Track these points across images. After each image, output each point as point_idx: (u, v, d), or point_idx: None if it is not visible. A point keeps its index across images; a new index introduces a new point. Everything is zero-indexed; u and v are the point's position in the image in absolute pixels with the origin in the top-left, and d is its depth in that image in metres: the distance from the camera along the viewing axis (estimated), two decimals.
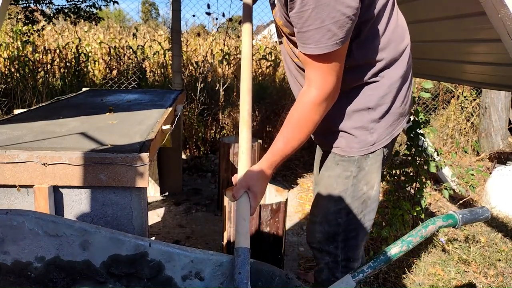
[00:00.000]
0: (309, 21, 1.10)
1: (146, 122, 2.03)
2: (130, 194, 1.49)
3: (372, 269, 1.23)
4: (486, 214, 1.29)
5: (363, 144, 1.36)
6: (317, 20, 1.09)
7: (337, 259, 1.45)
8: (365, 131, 1.35)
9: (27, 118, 2.07)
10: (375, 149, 1.37)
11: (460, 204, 3.52)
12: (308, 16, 1.09)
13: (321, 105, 1.22)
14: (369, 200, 1.43)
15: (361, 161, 1.38)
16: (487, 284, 2.44)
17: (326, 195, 1.44)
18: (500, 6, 1.71)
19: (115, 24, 12.15)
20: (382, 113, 1.34)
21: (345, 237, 1.44)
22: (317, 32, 1.11)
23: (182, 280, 1.16)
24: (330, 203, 1.43)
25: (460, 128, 5.52)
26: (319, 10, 1.07)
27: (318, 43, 1.12)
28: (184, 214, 3.23)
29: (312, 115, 1.23)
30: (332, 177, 1.43)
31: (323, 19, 1.08)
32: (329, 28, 1.09)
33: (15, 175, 1.45)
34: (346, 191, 1.41)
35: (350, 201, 1.41)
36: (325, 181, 1.46)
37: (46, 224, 1.15)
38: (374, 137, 1.36)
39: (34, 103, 4.67)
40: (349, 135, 1.36)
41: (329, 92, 1.20)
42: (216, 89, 5.32)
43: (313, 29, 1.11)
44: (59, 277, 1.17)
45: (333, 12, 1.07)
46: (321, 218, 1.46)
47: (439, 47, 2.79)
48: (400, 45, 1.33)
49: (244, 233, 1.15)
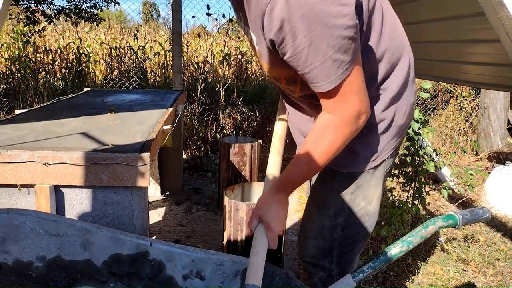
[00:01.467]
0: (310, 59, 0.98)
1: (147, 122, 2.04)
2: (131, 193, 1.50)
3: (372, 269, 1.24)
4: (486, 215, 1.29)
5: (364, 161, 1.27)
6: (318, 55, 0.97)
7: (331, 273, 1.38)
8: (366, 145, 1.26)
9: (29, 118, 2.08)
10: (375, 164, 1.28)
11: (459, 204, 3.53)
12: (307, 55, 0.97)
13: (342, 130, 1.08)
14: (367, 216, 1.34)
15: (360, 177, 1.29)
16: (486, 283, 2.45)
17: (321, 210, 1.36)
18: (499, 6, 1.71)
19: (116, 24, 12.15)
20: (384, 127, 1.25)
21: (340, 251, 1.36)
22: (323, 67, 0.98)
23: (183, 279, 1.16)
24: (324, 219, 1.34)
25: (459, 128, 5.52)
26: (317, 44, 0.95)
27: (327, 78, 1.00)
28: (184, 213, 3.24)
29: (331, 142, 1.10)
30: (327, 191, 1.35)
31: (324, 51, 0.96)
32: (334, 58, 0.97)
33: (17, 175, 1.46)
34: (342, 207, 1.32)
35: (347, 217, 1.32)
36: (319, 195, 1.39)
37: (47, 223, 1.16)
38: (375, 152, 1.27)
39: (35, 103, 4.68)
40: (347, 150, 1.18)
41: (351, 115, 1.07)
42: (216, 90, 5.33)
43: (317, 65, 0.98)
44: (60, 277, 1.18)
45: (332, 40, 0.95)
46: (316, 233, 1.37)
47: (438, 48, 2.80)
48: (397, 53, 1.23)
49: (255, 268, 1.04)
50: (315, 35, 0.94)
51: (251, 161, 3.16)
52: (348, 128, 1.08)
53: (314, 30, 0.93)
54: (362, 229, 1.35)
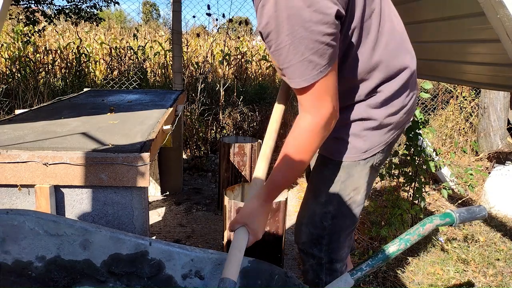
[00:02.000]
0: (289, 56, 1.08)
1: (147, 122, 2.04)
2: (131, 193, 1.50)
3: (370, 267, 1.24)
4: (483, 213, 1.30)
5: (355, 151, 1.35)
6: (296, 54, 1.06)
7: (321, 261, 1.46)
8: (359, 138, 1.34)
9: (29, 118, 2.08)
10: (366, 156, 1.36)
11: (459, 204, 3.53)
12: (287, 52, 1.07)
13: (319, 131, 1.16)
14: (354, 204, 1.43)
15: (351, 167, 1.37)
16: (486, 283, 2.45)
17: (314, 197, 1.45)
18: (499, 6, 1.72)
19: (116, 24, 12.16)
20: (377, 123, 1.32)
21: (329, 240, 1.44)
22: (300, 66, 1.08)
23: (182, 278, 1.17)
24: (317, 206, 1.43)
25: (459, 128, 5.52)
26: (296, 44, 1.05)
27: (302, 76, 1.09)
28: (184, 213, 3.24)
29: (310, 143, 1.18)
30: (321, 180, 1.43)
31: (302, 52, 1.06)
32: (310, 59, 1.07)
33: (17, 175, 1.46)
34: (333, 194, 1.40)
35: (337, 206, 1.41)
36: (313, 182, 1.47)
37: (46, 223, 1.16)
38: (367, 145, 1.35)
39: (35, 103, 4.68)
40: (341, 140, 1.34)
41: (326, 117, 1.14)
42: (216, 90, 5.33)
43: (295, 63, 1.08)
44: (60, 276, 1.18)
45: (310, 43, 1.04)
46: (307, 220, 1.46)
47: (438, 48, 2.80)
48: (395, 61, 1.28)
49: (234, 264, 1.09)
50: (296, 36, 1.04)
51: (251, 161, 3.17)
52: (323, 131, 1.16)
53: (295, 32, 1.03)
54: (350, 217, 1.44)
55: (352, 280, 1.22)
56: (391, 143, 1.40)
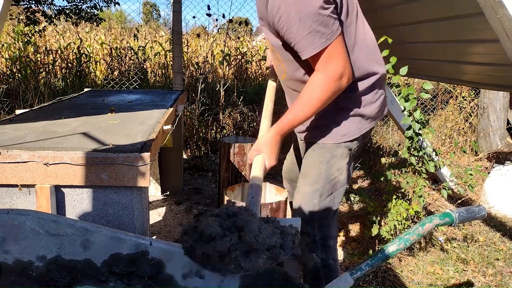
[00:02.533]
0: (299, 31, 1.34)
1: (147, 122, 2.04)
2: (131, 193, 1.50)
3: (370, 266, 1.25)
4: (482, 213, 1.31)
5: (336, 135, 1.60)
6: (305, 28, 1.33)
7: (315, 238, 1.63)
8: (337, 125, 1.59)
9: (29, 118, 2.08)
10: (345, 140, 1.60)
11: (459, 204, 3.53)
12: (297, 28, 1.33)
13: (328, 85, 1.40)
14: (339, 184, 1.64)
15: (334, 149, 1.61)
16: (486, 283, 2.45)
17: (305, 179, 1.66)
18: (499, 7, 1.72)
19: (116, 25, 12.17)
20: (352, 113, 1.58)
21: (319, 217, 1.63)
22: (309, 37, 1.34)
23: (182, 278, 1.17)
24: (307, 186, 1.64)
25: (459, 128, 5.53)
26: (304, 20, 1.31)
27: (312, 45, 1.35)
28: (185, 213, 3.24)
29: (321, 94, 1.41)
30: (310, 162, 1.66)
31: (309, 25, 1.32)
32: (317, 29, 1.33)
33: (17, 175, 1.46)
34: (320, 174, 1.62)
35: (323, 184, 1.62)
36: (303, 166, 1.69)
37: (47, 223, 1.17)
38: (345, 130, 1.59)
39: (36, 103, 4.68)
40: (325, 127, 1.60)
41: (336, 74, 1.39)
42: (216, 90, 5.34)
43: (305, 35, 1.34)
44: (60, 276, 1.18)
45: (315, 16, 1.31)
46: (300, 200, 1.66)
47: (438, 48, 2.80)
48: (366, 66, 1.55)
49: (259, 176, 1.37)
50: (302, 12, 1.31)
51: None
52: (333, 85, 1.41)
53: (302, 10, 1.31)
54: (336, 196, 1.66)
55: (352, 279, 1.22)
56: (365, 134, 1.64)
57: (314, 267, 1.64)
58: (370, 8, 3.12)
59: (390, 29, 3.11)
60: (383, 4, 2.92)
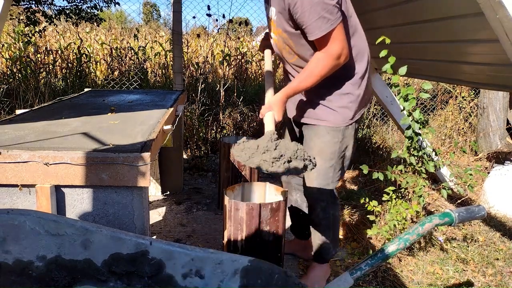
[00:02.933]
0: (310, 16, 1.68)
1: (147, 122, 2.05)
2: (131, 193, 1.50)
3: (370, 266, 1.25)
4: (482, 212, 1.31)
5: (345, 118, 1.97)
6: (315, 15, 1.68)
7: (328, 201, 2.11)
8: (346, 109, 1.96)
9: (29, 118, 2.09)
10: (352, 122, 1.99)
11: (458, 204, 3.53)
12: (309, 14, 1.68)
13: (328, 62, 1.76)
14: (345, 158, 2.07)
15: (344, 130, 1.98)
16: (486, 283, 2.45)
17: (320, 157, 1.98)
18: (498, 7, 1.72)
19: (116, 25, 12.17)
20: (355, 97, 1.95)
21: (332, 186, 2.08)
22: (318, 21, 1.68)
23: (182, 278, 1.17)
24: (324, 162, 2.01)
25: (458, 128, 5.53)
26: (315, 7, 1.66)
27: (320, 28, 1.69)
28: (185, 213, 3.24)
29: (320, 67, 1.78)
30: (324, 142, 2.00)
31: (318, 12, 1.67)
32: (324, 16, 1.67)
33: (17, 175, 1.47)
34: (334, 152, 2.00)
35: (336, 160, 2.02)
36: (318, 146, 2.01)
37: (47, 223, 1.17)
38: (351, 114, 1.97)
39: (36, 103, 4.69)
40: (335, 112, 1.96)
41: (336, 53, 1.74)
42: (216, 90, 5.34)
43: (314, 20, 1.69)
44: (61, 276, 1.18)
45: (324, 5, 1.66)
46: (316, 174, 2.04)
47: (438, 48, 2.81)
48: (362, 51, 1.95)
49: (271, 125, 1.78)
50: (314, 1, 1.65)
51: None
52: (332, 62, 1.77)
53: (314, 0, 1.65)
54: (342, 169, 2.10)
55: (352, 279, 1.22)
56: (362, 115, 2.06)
57: (326, 222, 2.14)
58: (370, 8, 3.12)
59: (389, 29, 3.11)
60: (383, 4, 2.92)
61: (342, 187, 3.77)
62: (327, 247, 2.21)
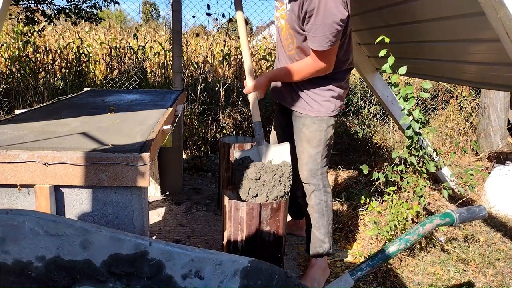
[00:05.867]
0: (317, 31, 1.93)
1: (147, 122, 2.04)
2: (131, 193, 1.50)
3: (370, 267, 1.24)
4: (483, 213, 1.30)
5: (328, 110, 2.21)
6: (321, 32, 1.92)
7: (319, 187, 2.26)
8: (329, 103, 2.21)
9: (28, 118, 2.08)
10: (333, 114, 2.23)
11: (459, 204, 3.52)
12: (317, 28, 1.92)
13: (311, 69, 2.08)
14: (330, 147, 2.29)
15: (328, 120, 2.22)
16: (486, 284, 2.45)
17: (309, 144, 2.23)
18: (499, 6, 1.72)
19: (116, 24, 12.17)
20: (336, 94, 2.21)
21: (321, 172, 2.26)
22: (321, 38, 1.93)
23: (182, 278, 1.17)
24: (312, 149, 2.23)
25: (459, 128, 5.52)
26: (323, 26, 1.90)
27: (320, 44, 1.95)
28: (184, 213, 3.24)
29: (305, 71, 2.11)
30: (312, 131, 2.22)
31: (324, 31, 1.91)
32: (327, 36, 1.92)
33: (16, 175, 1.46)
34: (320, 140, 2.22)
35: (323, 147, 2.23)
36: (307, 135, 2.23)
37: (46, 223, 1.16)
38: (333, 107, 2.22)
39: (35, 103, 4.68)
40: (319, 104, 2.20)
41: (321, 67, 2.06)
42: (216, 90, 5.33)
43: (319, 36, 1.93)
44: (60, 276, 1.18)
45: (331, 28, 1.90)
46: (307, 160, 2.25)
47: (438, 48, 2.80)
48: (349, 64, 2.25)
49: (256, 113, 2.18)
50: (325, 22, 1.89)
51: None
52: (316, 70, 2.08)
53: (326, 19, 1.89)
54: (328, 156, 2.30)
55: (352, 280, 1.22)
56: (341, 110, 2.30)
57: (319, 208, 2.27)
58: (370, 7, 3.11)
59: (390, 28, 3.10)
60: (384, 4, 2.92)
61: (342, 187, 3.77)
62: (320, 238, 2.30)
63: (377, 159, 4.41)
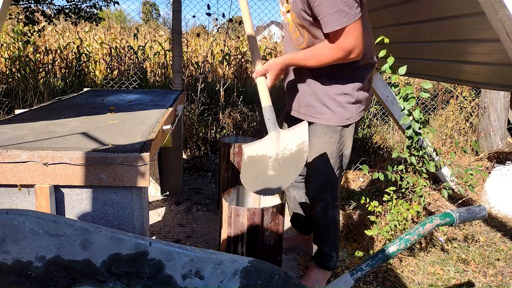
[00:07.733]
0: (328, 9, 1.63)
1: (147, 122, 2.04)
2: (131, 193, 1.50)
3: (370, 267, 1.24)
4: (483, 213, 1.30)
5: (341, 118, 1.95)
6: (333, 7, 1.62)
7: (328, 202, 2.08)
8: (343, 110, 1.94)
9: (28, 118, 2.08)
10: (348, 123, 1.97)
11: (459, 204, 3.52)
12: (327, 5, 1.63)
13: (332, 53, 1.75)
14: (344, 157, 2.07)
15: (341, 131, 1.98)
16: (486, 283, 2.45)
17: (319, 157, 2.01)
18: (499, 6, 1.72)
19: (116, 24, 12.16)
20: (352, 100, 1.93)
21: (331, 185, 2.06)
22: (335, 14, 1.62)
23: (182, 278, 1.16)
24: (322, 163, 2.01)
25: (459, 128, 5.52)
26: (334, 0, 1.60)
27: (336, 21, 1.64)
28: (184, 213, 3.24)
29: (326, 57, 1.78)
30: (322, 143, 2.00)
31: (337, 4, 1.61)
32: (343, 9, 1.61)
33: (16, 175, 1.46)
34: (332, 153, 2.00)
35: (334, 160, 2.02)
36: (317, 147, 2.01)
37: (46, 223, 1.16)
38: (347, 115, 1.95)
39: (35, 103, 4.68)
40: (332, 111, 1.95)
41: (345, 49, 1.71)
42: (216, 89, 5.33)
43: (332, 13, 1.63)
44: (60, 276, 1.18)
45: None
46: (316, 174, 2.06)
47: (438, 48, 2.80)
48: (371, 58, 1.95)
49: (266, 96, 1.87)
50: None
51: None
52: (340, 54, 1.74)
53: None
54: (341, 168, 2.09)
55: (352, 280, 1.22)
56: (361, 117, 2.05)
57: (326, 223, 2.11)
58: (370, 7, 3.12)
59: (390, 28, 3.10)
60: (384, 4, 2.92)
61: (342, 187, 3.77)
62: (327, 253, 2.16)
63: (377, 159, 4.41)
